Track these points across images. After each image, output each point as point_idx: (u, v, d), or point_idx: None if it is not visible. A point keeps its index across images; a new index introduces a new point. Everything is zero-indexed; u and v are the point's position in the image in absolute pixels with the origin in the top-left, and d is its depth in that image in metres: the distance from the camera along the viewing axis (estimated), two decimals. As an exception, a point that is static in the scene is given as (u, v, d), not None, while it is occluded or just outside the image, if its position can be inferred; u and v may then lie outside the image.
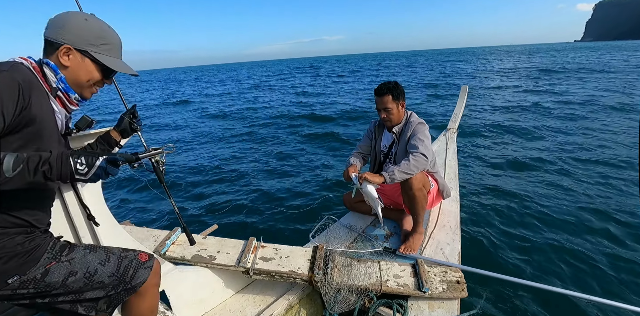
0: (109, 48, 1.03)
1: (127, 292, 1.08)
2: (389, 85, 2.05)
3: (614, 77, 14.53)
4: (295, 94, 15.34)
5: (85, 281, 0.99)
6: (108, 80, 1.09)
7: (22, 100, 0.83)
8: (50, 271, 0.94)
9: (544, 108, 8.91)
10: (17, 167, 0.75)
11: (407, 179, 1.85)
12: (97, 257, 1.03)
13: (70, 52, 0.97)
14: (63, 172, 0.82)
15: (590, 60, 27.03)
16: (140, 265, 1.09)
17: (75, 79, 1.00)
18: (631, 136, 5.96)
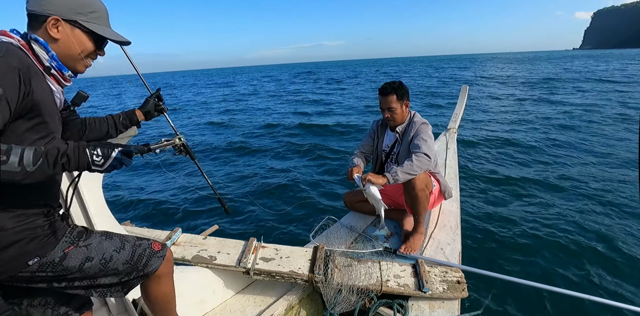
0: (97, 16, 0.98)
1: (139, 279, 1.11)
2: (394, 84, 2.05)
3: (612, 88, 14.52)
4: (295, 101, 15.36)
5: (100, 267, 1.01)
6: (101, 50, 1.03)
7: (24, 87, 0.81)
8: (68, 255, 0.96)
9: (543, 111, 8.93)
10: (37, 161, 0.77)
11: (410, 179, 1.85)
12: (112, 244, 1.05)
13: (59, 23, 0.91)
14: (81, 163, 0.85)
15: (589, 68, 27.03)
16: (153, 254, 1.11)
17: (67, 52, 0.95)
18: (631, 132, 5.96)
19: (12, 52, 0.83)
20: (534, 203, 3.58)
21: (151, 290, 1.17)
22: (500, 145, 5.83)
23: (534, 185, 4.05)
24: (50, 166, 0.80)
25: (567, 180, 4.15)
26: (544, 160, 4.90)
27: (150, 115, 1.41)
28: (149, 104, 1.40)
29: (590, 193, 3.77)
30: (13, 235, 0.86)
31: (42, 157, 0.79)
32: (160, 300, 1.21)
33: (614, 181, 4.05)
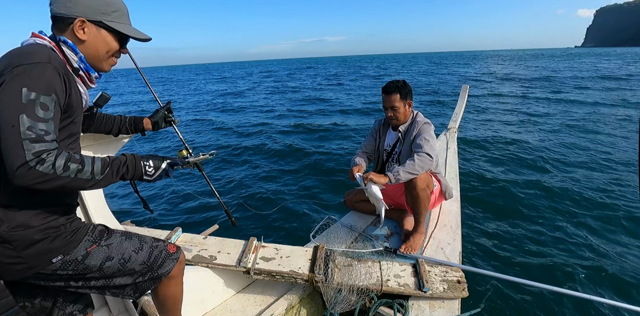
0: (120, 15, 1.00)
1: (152, 281, 1.12)
2: (397, 83, 2.04)
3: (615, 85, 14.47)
4: (293, 98, 15.34)
5: (119, 267, 1.02)
6: (124, 49, 1.07)
7: (67, 90, 0.86)
8: (90, 254, 0.97)
9: (545, 110, 8.91)
10: (104, 170, 0.86)
11: (411, 179, 1.84)
12: (132, 245, 1.07)
13: (85, 24, 0.94)
14: (136, 173, 0.94)
15: (592, 66, 26.90)
16: (168, 256, 1.13)
17: (93, 52, 0.98)
18: (633, 132, 5.96)
19: (54, 57, 0.86)
20: (535, 203, 3.58)
21: (161, 291, 1.19)
22: (501, 145, 5.82)
23: (535, 184, 4.05)
24: (114, 175, 0.89)
25: (568, 180, 4.15)
26: (545, 160, 4.89)
27: (158, 126, 1.44)
28: (159, 115, 1.43)
29: (591, 193, 3.77)
30: (38, 232, 0.87)
31: (108, 166, 0.87)
32: (169, 300, 1.23)
33: (615, 181, 4.04)
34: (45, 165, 0.76)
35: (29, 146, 0.75)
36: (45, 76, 0.80)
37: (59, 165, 0.77)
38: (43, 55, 0.83)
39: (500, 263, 2.63)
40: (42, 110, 0.78)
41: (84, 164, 0.82)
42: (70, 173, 0.79)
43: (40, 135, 0.77)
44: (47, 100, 0.79)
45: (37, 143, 0.76)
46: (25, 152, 0.74)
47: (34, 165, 0.75)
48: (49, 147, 0.77)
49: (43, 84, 0.79)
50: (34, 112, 0.77)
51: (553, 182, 4.11)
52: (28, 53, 0.82)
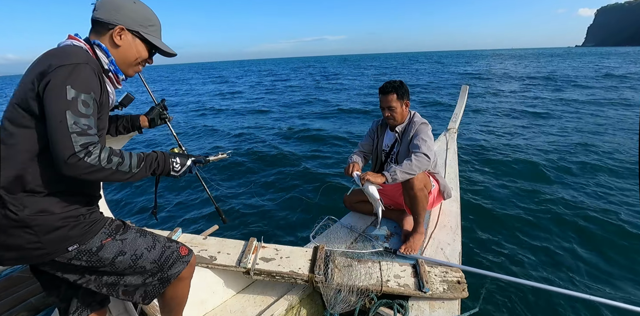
0: (154, 29, 1.10)
1: (162, 283, 1.13)
2: (394, 83, 2.05)
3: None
4: (293, 97, 15.34)
5: (130, 263, 1.05)
6: (150, 59, 1.15)
7: (102, 89, 0.94)
8: (104, 246, 1.01)
9: (547, 109, 8.91)
10: (140, 164, 0.94)
11: (408, 179, 1.84)
12: (145, 242, 1.10)
13: (123, 32, 1.03)
14: (165, 169, 1.03)
15: (592, 65, 26.81)
16: (179, 258, 1.15)
17: (124, 58, 1.07)
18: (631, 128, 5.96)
19: (91, 58, 0.94)
20: (535, 203, 3.58)
21: (168, 291, 1.19)
22: (502, 145, 5.82)
23: (536, 184, 4.05)
24: (147, 169, 0.97)
25: (569, 180, 4.15)
26: (546, 160, 4.89)
27: (154, 123, 1.49)
28: (155, 112, 1.48)
29: (591, 193, 3.77)
30: (59, 220, 0.92)
31: (143, 161, 0.95)
32: (174, 301, 1.23)
33: (617, 181, 4.04)
34: (92, 157, 0.84)
35: (76, 138, 0.83)
36: (85, 76, 0.88)
37: (104, 157, 0.86)
38: (81, 56, 0.91)
39: (500, 264, 2.63)
40: (83, 106, 0.86)
41: (124, 158, 0.90)
42: (113, 166, 0.88)
43: (85, 129, 0.85)
44: (88, 98, 0.87)
45: (83, 136, 0.84)
46: (74, 144, 0.82)
47: (83, 156, 0.83)
48: (93, 140, 0.86)
49: (84, 83, 0.87)
50: (77, 108, 0.85)
51: (554, 182, 4.11)
52: (68, 54, 0.90)
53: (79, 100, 0.85)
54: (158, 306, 1.48)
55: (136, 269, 1.07)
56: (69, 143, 0.82)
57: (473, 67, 29.68)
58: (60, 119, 0.83)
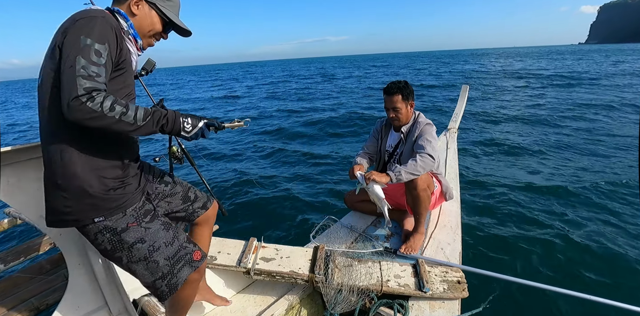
0: (172, 4, 1.14)
1: (170, 289, 1.11)
2: (399, 84, 2.04)
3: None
4: (292, 97, 15.34)
5: (146, 253, 1.06)
6: (165, 34, 1.18)
7: (118, 44, 0.95)
8: (129, 229, 1.03)
9: (548, 109, 8.89)
10: (146, 118, 0.92)
11: (412, 179, 1.84)
12: (165, 237, 1.11)
13: (140, 2, 1.08)
14: (175, 127, 0.99)
15: (594, 62, 26.57)
16: (189, 262, 1.14)
17: (139, 28, 1.10)
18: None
19: (109, 16, 0.98)
20: (535, 203, 3.58)
21: (175, 296, 1.20)
22: (502, 145, 5.82)
23: (536, 184, 4.05)
24: (154, 124, 0.94)
25: (570, 180, 4.15)
26: (546, 160, 4.89)
27: None
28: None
29: (592, 192, 3.76)
30: (89, 187, 0.96)
31: (150, 115, 0.93)
32: (180, 302, 1.23)
33: (619, 182, 4.02)
34: (95, 102, 0.83)
35: (81, 81, 0.83)
36: (99, 27, 0.90)
37: (106, 105, 0.84)
38: (99, 12, 0.95)
39: (501, 263, 2.63)
40: (95, 55, 0.88)
41: (128, 108, 0.89)
42: (115, 114, 0.86)
43: (92, 75, 0.86)
44: (101, 48, 0.89)
45: (88, 80, 0.85)
46: (78, 86, 0.83)
47: (85, 101, 0.82)
48: (98, 87, 0.85)
49: (98, 34, 0.89)
50: (89, 55, 0.87)
51: (554, 182, 4.11)
52: (86, 11, 0.96)
53: (92, 48, 0.87)
54: (158, 306, 1.48)
55: (149, 263, 1.07)
56: (73, 86, 0.83)
57: (474, 66, 29.50)
58: (71, 64, 0.85)
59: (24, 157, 1.22)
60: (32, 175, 1.25)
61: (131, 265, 1.08)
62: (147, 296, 1.54)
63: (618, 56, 37.46)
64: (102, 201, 0.98)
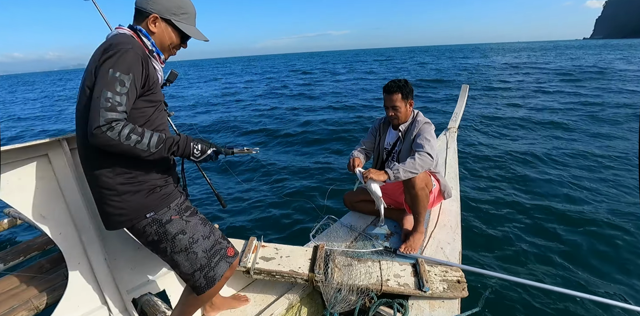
0: (187, 17, 1.20)
1: (207, 283, 1.20)
2: (399, 83, 2.04)
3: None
4: (292, 95, 15.31)
5: (186, 244, 1.17)
6: (184, 44, 1.26)
7: (145, 70, 1.07)
8: (172, 221, 1.16)
9: (550, 107, 8.88)
10: (159, 146, 1.05)
11: (410, 178, 1.84)
12: (204, 231, 1.22)
13: (157, 20, 1.15)
14: (185, 153, 1.12)
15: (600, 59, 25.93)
16: (224, 257, 1.24)
17: (159, 43, 1.19)
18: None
19: (135, 43, 1.07)
20: (535, 203, 3.58)
21: (186, 307, 1.27)
22: (503, 144, 5.82)
23: (536, 184, 4.05)
24: (166, 151, 1.07)
25: (571, 180, 4.14)
26: (547, 159, 4.89)
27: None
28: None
29: (594, 192, 3.77)
30: (137, 185, 1.10)
31: (163, 143, 1.06)
32: (204, 297, 1.25)
33: (621, 182, 4.02)
34: (113, 132, 0.96)
35: (103, 113, 0.95)
36: (128, 60, 1.01)
37: (123, 134, 0.97)
38: (127, 42, 1.04)
39: (500, 263, 2.64)
40: (119, 85, 0.99)
41: (143, 137, 1.01)
42: (131, 143, 0.99)
43: (114, 106, 0.97)
44: (125, 78, 1.00)
45: (110, 112, 0.96)
46: (100, 118, 0.95)
47: (105, 130, 0.95)
48: (118, 117, 0.97)
49: (124, 66, 1.00)
50: (114, 87, 0.98)
51: (556, 181, 4.11)
52: (116, 43, 1.04)
53: (117, 80, 0.99)
54: (158, 305, 1.48)
55: (189, 254, 1.17)
56: (96, 117, 0.95)
57: (477, 61, 29.01)
58: (97, 96, 0.97)
59: (24, 157, 1.22)
60: (32, 174, 1.25)
61: (174, 256, 1.18)
62: (147, 296, 1.54)
63: (629, 51, 36.73)
64: (152, 199, 1.12)
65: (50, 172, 1.29)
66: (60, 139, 1.27)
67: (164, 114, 1.25)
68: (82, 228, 1.37)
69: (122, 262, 1.50)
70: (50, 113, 14.35)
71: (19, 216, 2.72)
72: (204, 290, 1.21)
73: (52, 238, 1.33)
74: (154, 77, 1.12)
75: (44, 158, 1.27)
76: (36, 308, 1.61)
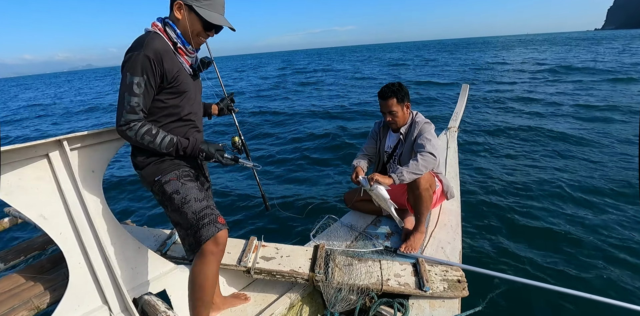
0: (209, 3, 1.25)
1: (196, 242, 1.27)
2: (393, 87, 2.03)
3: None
4: (293, 94, 15.28)
5: (179, 204, 1.28)
6: (210, 32, 1.32)
7: (158, 70, 1.19)
8: (169, 182, 1.30)
9: (552, 107, 8.83)
10: (169, 148, 1.27)
11: (414, 179, 1.84)
12: (197, 195, 1.31)
13: (181, 7, 1.23)
14: (192, 155, 1.34)
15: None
16: (214, 221, 1.29)
17: (184, 30, 1.27)
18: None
19: (150, 43, 1.18)
20: (535, 203, 3.57)
21: (194, 266, 1.30)
22: (503, 144, 5.81)
23: (536, 184, 4.04)
24: (174, 152, 1.29)
25: (571, 180, 4.14)
26: (547, 159, 4.88)
27: (222, 113, 1.72)
28: (224, 102, 1.70)
29: (595, 192, 3.75)
30: (152, 157, 1.32)
31: (173, 146, 1.27)
32: (197, 281, 1.29)
33: (622, 183, 4.00)
34: (131, 132, 1.20)
35: (125, 115, 1.18)
36: (140, 63, 1.15)
37: (139, 134, 1.20)
38: (142, 44, 1.16)
39: (501, 263, 2.63)
40: (136, 87, 1.16)
41: (156, 138, 1.23)
42: (144, 142, 1.22)
43: (133, 107, 1.18)
44: (140, 80, 1.16)
45: (129, 114, 1.18)
46: (122, 118, 1.18)
47: (125, 129, 1.19)
48: (137, 118, 1.19)
49: (137, 69, 1.15)
50: (132, 89, 1.16)
51: (556, 181, 4.10)
52: (135, 45, 1.18)
53: (133, 83, 1.15)
54: (158, 305, 1.48)
55: (181, 213, 1.27)
56: (119, 117, 1.19)
57: (483, 56, 28.27)
58: (120, 98, 1.18)
59: (24, 157, 1.21)
60: (32, 174, 1.25)
61: (171, 214, 1.32)
62: (147, 295, 1.54)
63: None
64: (161, 166, 1.31)
65: (50, 172, 1.29)
66: (60, 139, 1.27)
67: (194, 102, 1.38)
68: (82, 228, 1.37)
69: (123, 262, 1.50)
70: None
71: (19, 215, 2.72)
72: (193, 251, 1.29)
73: (53, 238, 1.33)
74: (172, 71, 1.23)
75: (44, 159, 1.27)
76: (37, 308, 1.61)
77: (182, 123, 1.36)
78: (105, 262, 1.44)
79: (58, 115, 14.21)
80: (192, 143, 1.30)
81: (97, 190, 1.42)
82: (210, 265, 1.29)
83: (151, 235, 2.18)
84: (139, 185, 4.84)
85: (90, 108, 15.47)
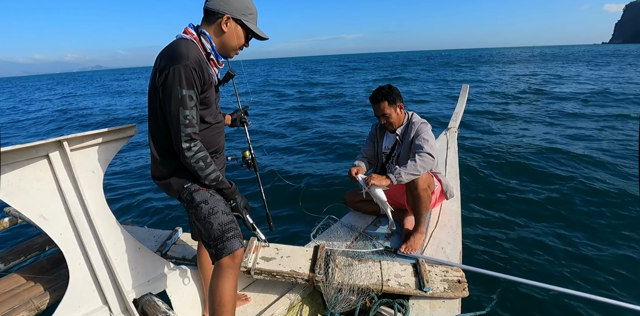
0: (253, 17, 1.29)
1: (217, 254, 1.28)
2: (383, 90, 2.03)
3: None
4: (293, 94, 15.29)
5: (205, 214, 1.28)
6: (247, 43, 1.35)
7: (201, 80, 1.19)
8: (199, 191, 1.30)
9: (553, 108, 8.85)
10: (213, 182, 1.29)
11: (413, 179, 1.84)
12: (224, 209, 1.32)
13: (229, 20, 1.24)
14: (227, 197, 1.37)
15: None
16: (237, 236, 1.31)
17: (228, 43, 1.29)
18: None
19: (192, 55, 1.16)
20: (536, 202, 3.57)
21: (212, 281, 1.31)
22: (503, 144, 5.81)
23: (536, 184, 4.04)
24: (215, 186, 1.31)
25: (571, 179, 4.14)
26: (547, 159, 4.88)
27: (235, 124, 1.71)
28: (237, 114, 1.70)
29: (595, 192, 3.75)
30: (180, 165, 1.29)
31: (216, 181, 1.30)
32: (216, 298, 1.27)
33: (622, 183, 4.01)
34: (190, 153, 1.19)
35: (184, 129, 1.16)
36: (189, 75, 1.13)
37: (196, 157, 1.21)
38: (184, 55, 1.13)
39: (501, 263, 2.63)
40: (189, 101, 1.15)
41: (207, 168, 1.25)
42: (195, 166, 1.22)
43: (190, 120, 1.17)
44: (192, 93, 1.15)
45: (188, 127, 1.17)
46: (183, 135, 1.17)
47: (185, 151, 1.18)
48: (194, 130, 1.19)
49: (189, 82, 1.14)
50: (186, 103, 1.15)
51: (556, 181, 4.10)
52: (176, 55, 1.14)
53: (187, 96, 1.14)
54: (158, 306, 1.48)
55: (206, 223, 1.27)
56: (179, 134, 1.17)
57: (478, 68, 28.81)
58: (175, 114, 1.15)
59: (24, 157, 1.21)
60: (33, 174, 1.25)
61: (197, 223, 1.30)
62: (148, 296, 1.54)
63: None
64: (185, 173, 1.29)
65: (50, 172, 1.29)
66: (60, 140, 1.27)
67: (215, 112, 1.38)
68: (83, 229, 1.37)
69: (123, 262, 1.50)
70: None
71: (19, 215, 2.72)
72: (213, 261, 1.30)
73: (53, 238, 1.33)
74: (207, 82, 1.23)
75: (45, 159, 1.27)
76: (37, 309, 1.62)
77: (211, 129, 1.37)
78: (105, 263, 1.44)
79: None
80: (233, 189, 1.35)
81: (98, 191, 1.42)
82: (228, 279, 1.29)
83: (151, 236, 2.18)
84: (139, 186, 4.84)
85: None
